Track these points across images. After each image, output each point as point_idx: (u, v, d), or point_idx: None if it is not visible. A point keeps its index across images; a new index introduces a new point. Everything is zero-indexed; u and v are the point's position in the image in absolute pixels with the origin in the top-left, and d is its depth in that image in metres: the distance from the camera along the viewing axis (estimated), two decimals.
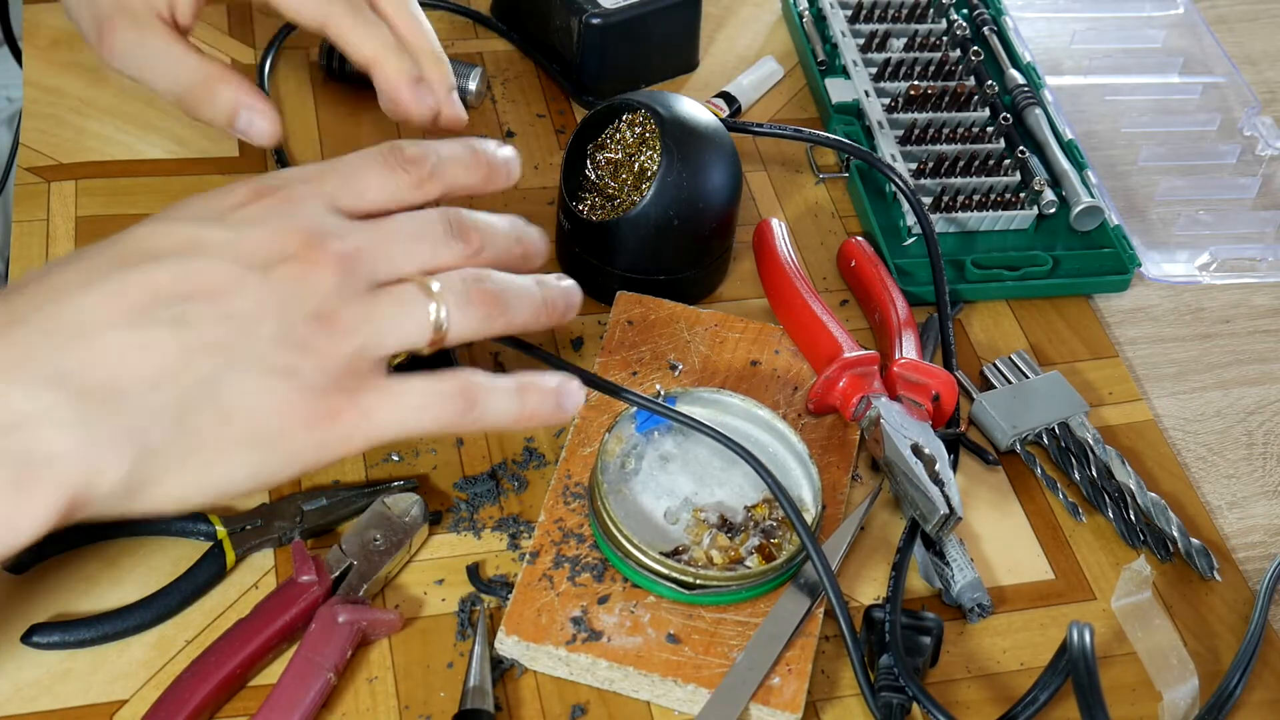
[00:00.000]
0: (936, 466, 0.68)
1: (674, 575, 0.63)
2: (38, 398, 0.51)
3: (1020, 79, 0.92)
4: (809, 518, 0.66)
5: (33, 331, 0.52)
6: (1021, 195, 0.85)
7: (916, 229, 0.82)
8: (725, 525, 0.66)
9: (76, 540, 0.64)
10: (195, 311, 0.53)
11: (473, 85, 0.88)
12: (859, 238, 0.81)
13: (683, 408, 0.69)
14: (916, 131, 0.87)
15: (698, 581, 0.63)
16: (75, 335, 0.52)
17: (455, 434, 0.58)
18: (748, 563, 0.65)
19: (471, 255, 0.59)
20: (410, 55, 0.70)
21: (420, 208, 0.60)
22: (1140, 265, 0.84)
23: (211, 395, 0.53)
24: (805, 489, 0.68)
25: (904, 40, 0.93)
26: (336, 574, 0.64)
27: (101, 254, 0.55)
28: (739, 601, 0.64)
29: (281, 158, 0.83)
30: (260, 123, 0.69)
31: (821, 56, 0.92)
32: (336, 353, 0.55)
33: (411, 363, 0.67)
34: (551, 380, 0.59)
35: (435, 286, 0.57)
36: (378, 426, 0.56)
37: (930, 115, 0.88)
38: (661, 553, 0.64)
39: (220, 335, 0.53)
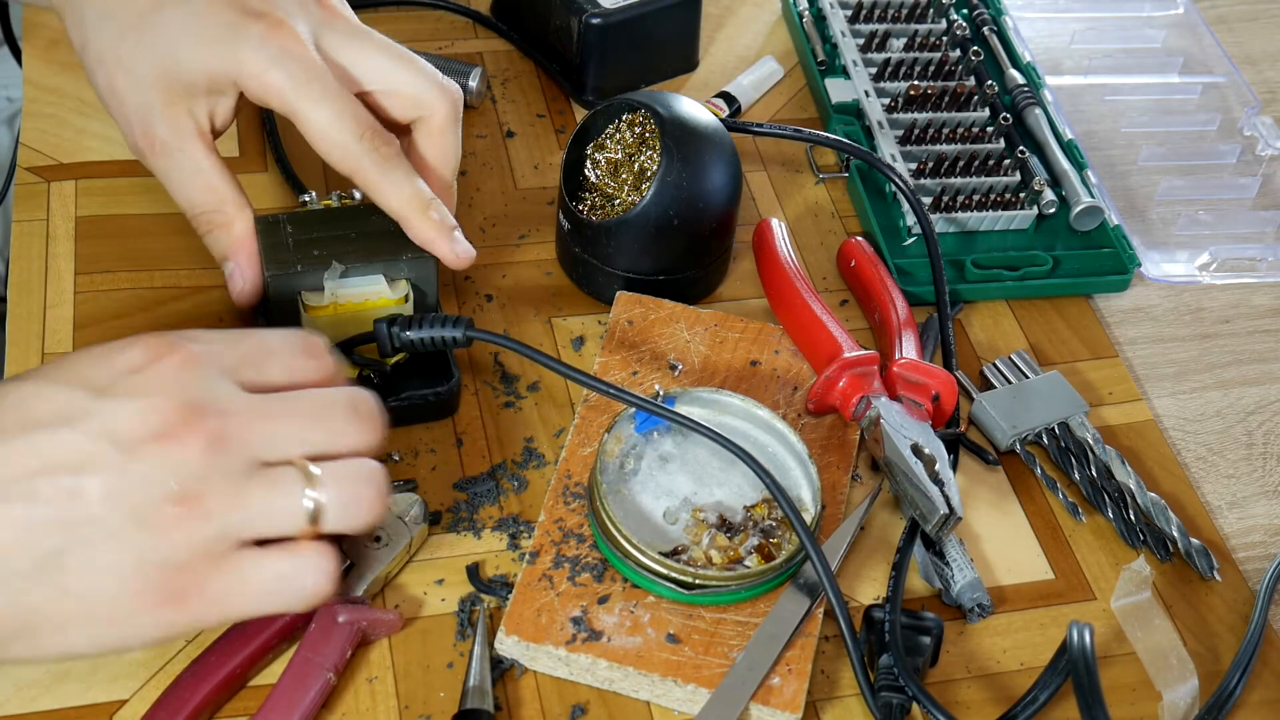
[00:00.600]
0: (936, 466, 0.68)
1: (673, 575, 0.63)
2: None
3: (1020, 79, 0.92)
4: (808, 518, 0.66)
5: None
6: (1021, 195, 0.85)
7: (916, 229, 0.82)
8: (724, 525, 0.66)
9: None
10: (48, 487, 0.52)
11: (473, 85, 0.88)
12: (859, 238, 0.81)
13: (681, 408, 0.69)
14: (916, 131, 0.87)
15: (697, 581, 0.63)
16: None
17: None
18: (747, 562, 0.65)
19: (369, 445, 0.57)
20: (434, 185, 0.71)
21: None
22: (1140, 265, 0.84)
23: (50, 572, 0.52)
24: (805, 489, 0.68)
25: (904, 40, 0.93)
26: None
27: None
28: (739, 601, 0.64)
29: (282, 160, 0.83)
30: (238, 282, 0.70)
31: (821, 56, 0.92)
32: (191, 537, 0.53)
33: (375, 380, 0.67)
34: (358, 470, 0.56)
35: (316, 472, 0.55)
36: (229, 611, 0.55)
37: (930, 115, 0.88)
38: (661, 553, 0.64)
39: (68, 513, 0.52)
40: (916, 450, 0.68)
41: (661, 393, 0.69)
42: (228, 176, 0.69)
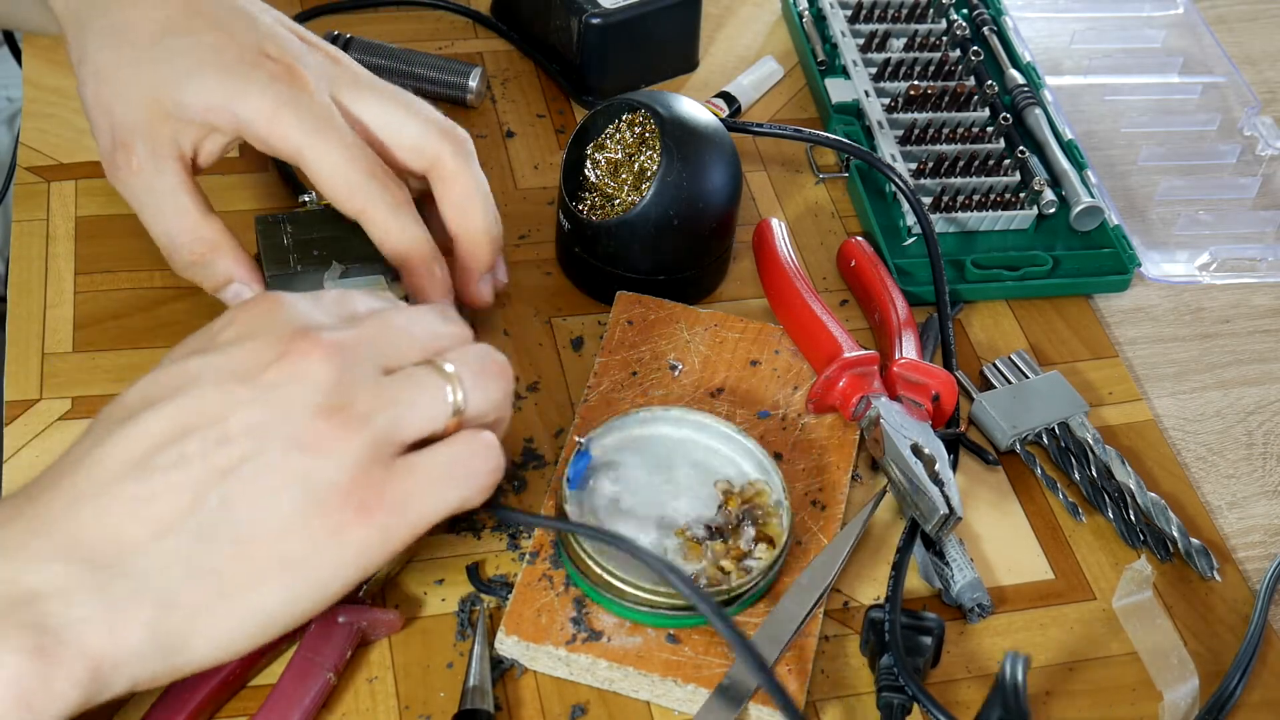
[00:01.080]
0: (936, 466, 0.68)
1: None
2: (47, 571, 0.50)
3: (1020, 79, 0.92)
4: (783, 515, 0.66)
5: (41, 507, 0.51)
6: (1021, 195, 0.85)
7: (916, 229, 0.82)
8: (714, 532, 0.66)
9: None
10: (192, 447, 0.51)
11: (473, 85, 0.88)
12: (859, 238, 0.81)
13: (615, 435, 0.68)
14: (916, 131, 0.87)
15: (733, 594, 0.63)
16: (81, 502, 0.51)
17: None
18: (756, 554, 0.65)
19: (465, 340, 0.59)
20: (461, 236, 0.70)
21: None
22: (1140, 265, 0.84)
23: (223, 527, 0.51)
24: (754, 475, 0.68)
25: (904, 40, 0.93)
26: None
27: (99, 423, 0.54)
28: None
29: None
30: (248, 296, 0.69)
31: (821, 56, 0.92)
32: (352, 445, 0.52)
33: None
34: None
35: (449, 367, 0.55)
36: (417, 514, 0.54)
37: (930, 115, 0.88)
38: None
39: (220, 461, 0.51)
40: (916, 450, 0.68)
41: (582, 443, 0.67)
42: (205, 208, 0.67)
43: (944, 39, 0.93)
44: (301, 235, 0.70)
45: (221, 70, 0.64)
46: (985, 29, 0.95)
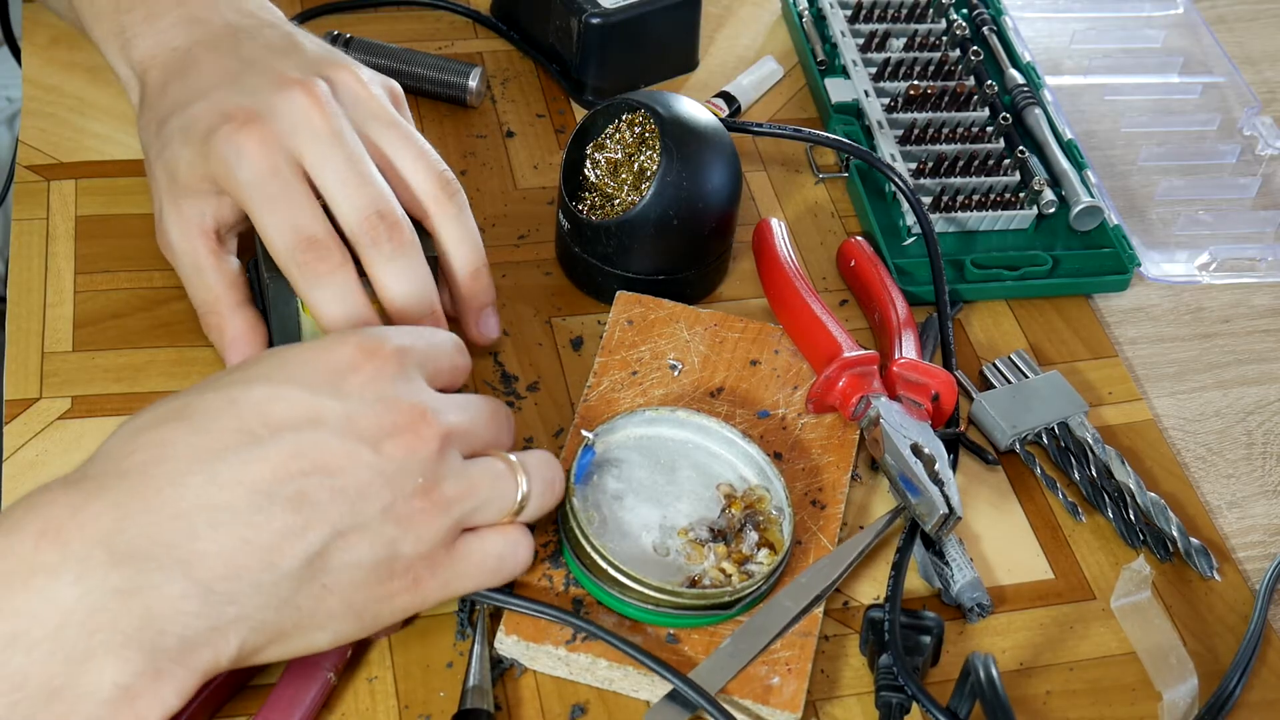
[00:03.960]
0: (936, 466, 0.68)
1: (715, 602, 0.63)
2: (168, 588, 0.52)
3: (1020, 79, 0.92)
4: (785, 523, 0.66)
5: (163, 518, 0.53)
6: (1021, 195, 0.85)
7: (916, 229, 0.82)
8: (717, 535, 0.66)
9: None
10: (312, 488, 0.55)
11: (473, 85, 0.88)
12: (859, 238, 0.81)
13: (619, 434, 0.68)
14: (916, 131, 0.87)
15: (737, 597, 0.63)
16: (200, 522, 0.53)
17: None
18: (758, 559, 0.65)
19: (513, 442, 0.64)
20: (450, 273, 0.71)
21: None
22: (1140, 265, 0.84)
23: (317, 572, 0.55)
24: (753, 479, 0.68)
25: (904, 40, 0.93)
26: None
27: (218, 420, 0.55)
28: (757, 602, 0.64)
29: None
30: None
31: (821, 56, 0.92)
32: (435, 525, 0.57)
33: None
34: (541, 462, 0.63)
35: (516, 460, 0.61)
36: (454, 589, 0.60)
37: (930, 115, 0.88)
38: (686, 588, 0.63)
39: (332, 512, 0.55)
40: (916, 450, 0.68)
41: (589, 437, 0.67)
42: (223, 278, 0.69)
43: (944, 39, 0.93)
44: None
45: (196, 140, 0.66)
46: (985, 29, 0.95)
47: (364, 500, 0.55)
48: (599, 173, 0.77)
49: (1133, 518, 0.72)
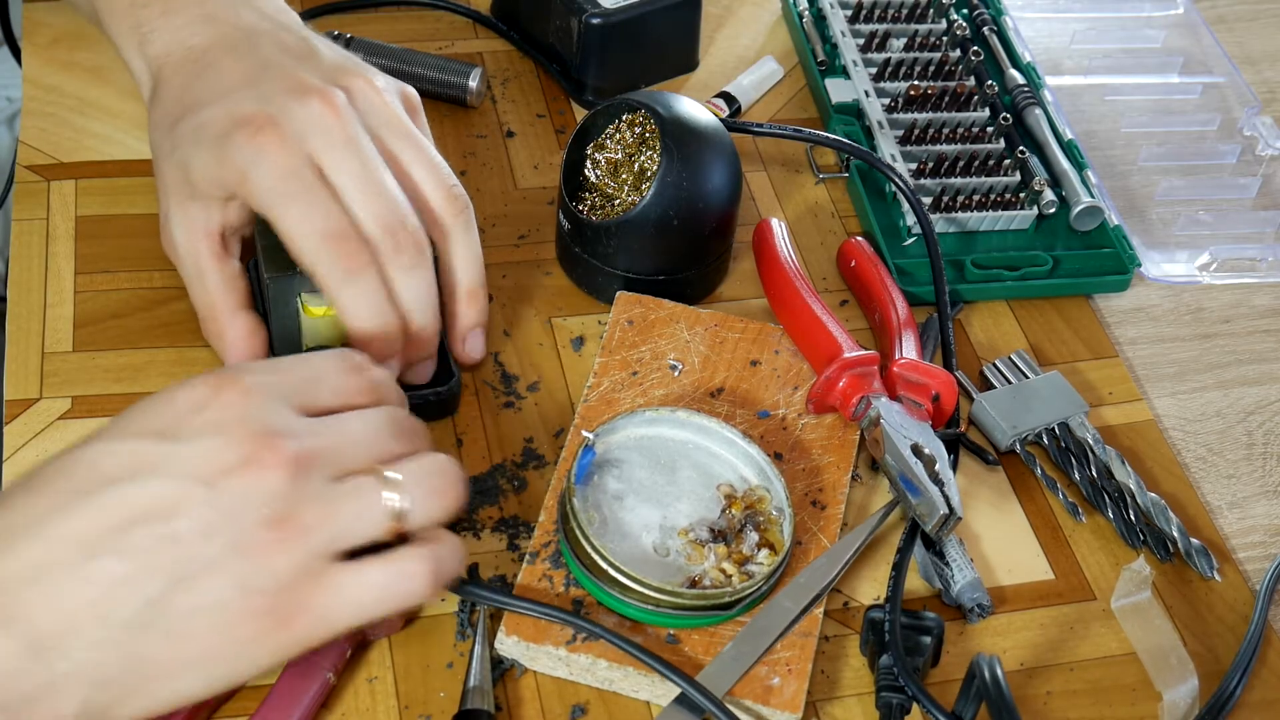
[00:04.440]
0: (936, 466, 0.68)
1: (716, 603, 0.63)
2: None
3: (1020, 79, 0.92)
4: (785, 524, 0.66)
5: None
6: (1021, 195, 0.85)
7: (916, 229, 0.82)
8: (718, 535, 0.66)
9: None
10: (141, 537, 0.53)
11: (473, 85, 0.88)
12: (859, 238, 0.81)
13: (620, 433, 0.68)
14: (916, 131, 0.87)
15: (737, 597, 0.63)
16: (26, 581, 0.52)
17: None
18: (758, 560, 0.65)
19: (421, 444, 0.59)
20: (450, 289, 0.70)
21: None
22: (1140, 265, 0.84)
23: (159, 619, 0.53)
24: (755, 480, 0.68)
25: (904, 40, 0.93)
26: None
27: (52, 483, 0.54)
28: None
29: None
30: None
31: (821, 56, 0.92)
32: (291, 558, 0.54)
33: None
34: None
35: (392, 475, 0.56)
36: (335, 624, 0.56)
37: (930, 115, 0.88)
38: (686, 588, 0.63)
39: (166, 557, 0.53)
40: (916, 450, 0.68)
41: (590, 437, 0.67)
42: (226, 281, 0.69)
43: (944, 39, 0.93)
44: None
45: (210, 143, 0.66)
46: (985, 29, 0.95)
47: (204, 541, 0.53)
48: (599, 173, 0.77)
49: (1133, 518, 0.72)
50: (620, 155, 0.76)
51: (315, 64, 0.69)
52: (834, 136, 0.85)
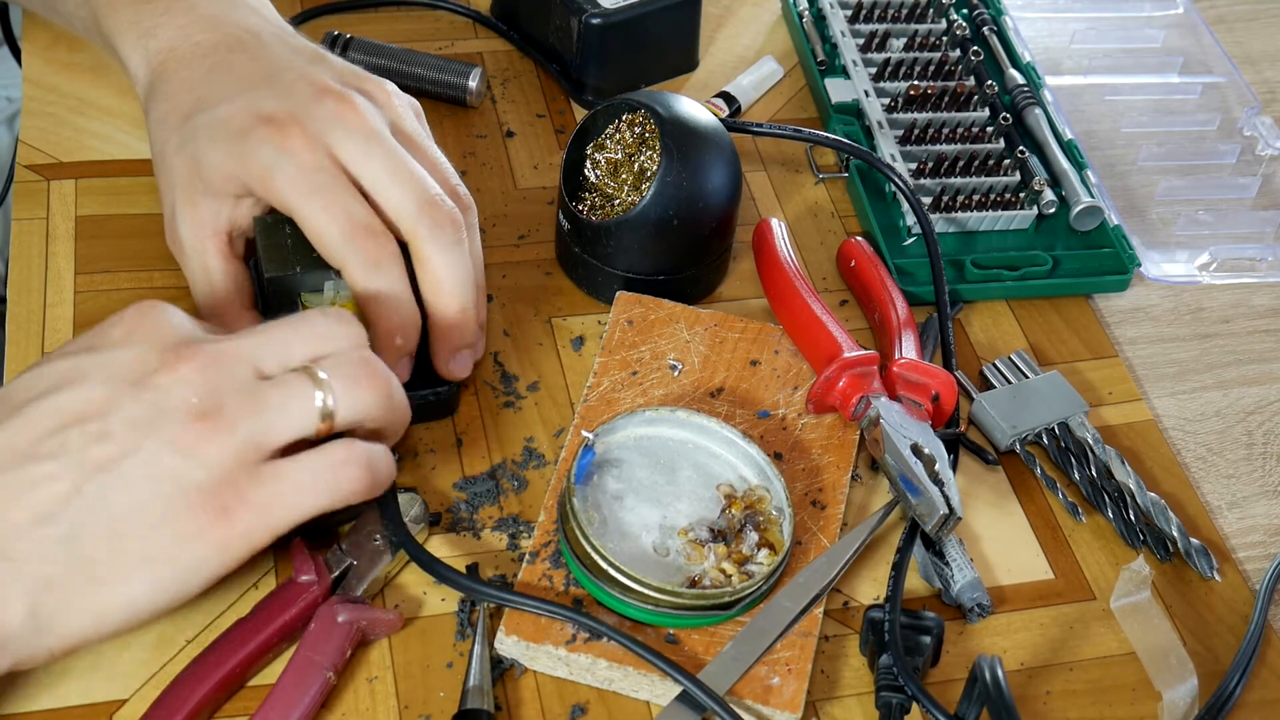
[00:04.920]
0: (936, 466, 0.68)
1: (716, 603, 0.63)
2: None
3: (1020, 79, 0.92)
4: (785, 523, 0.66)
5: None
6: (1021, 195, 0.85)
7: (916, 229, 0.82)
8: (717, 535, 0.66)
9: None
10: (74, 436, 0.54)
11: (473, 85, 0.88)
12: (859, 238, 0.81)
13: (620, 433, 0.68)
14: (916, 131, 0.87)
15: (737, 597, 0.63)
16: None
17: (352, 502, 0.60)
18: (758, 559, 0.65)
19: (356, 343, 0.61)
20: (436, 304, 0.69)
21: None
22: (1140, 265, 0.84)
23: (100, 516, 0.54)
24: (754, 480, 0.68)
25: (904, 40, 0.93)
26: (336, 573, 0.64)
27: None
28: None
29: None
30: None
31: (821, 56, 0.92)
32: (222, 449, 0.55)
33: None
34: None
35: (322, 374, 0.58)
36: (277, 518, 0.56)
37: (930, 115, 0.88)
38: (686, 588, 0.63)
39: (100, 455, 0.54)
40: (916, 450, 0.68)
41: (590, 437, 0.67)
42: (231, 280, 0.70)
43: (944, 39, 0.93)
44: (302, 237, 0.70)
45: (227, 140, 0.66)
46: (985, 29, 0.95)
47: (135, 434, 0.54)
48: (599, 173, 0.77)
49: (1133, 518, 0.72)
50: (620, 155, 0.76)
51: (328, 67, 0.70)
52: (834, 136, 0.85)
